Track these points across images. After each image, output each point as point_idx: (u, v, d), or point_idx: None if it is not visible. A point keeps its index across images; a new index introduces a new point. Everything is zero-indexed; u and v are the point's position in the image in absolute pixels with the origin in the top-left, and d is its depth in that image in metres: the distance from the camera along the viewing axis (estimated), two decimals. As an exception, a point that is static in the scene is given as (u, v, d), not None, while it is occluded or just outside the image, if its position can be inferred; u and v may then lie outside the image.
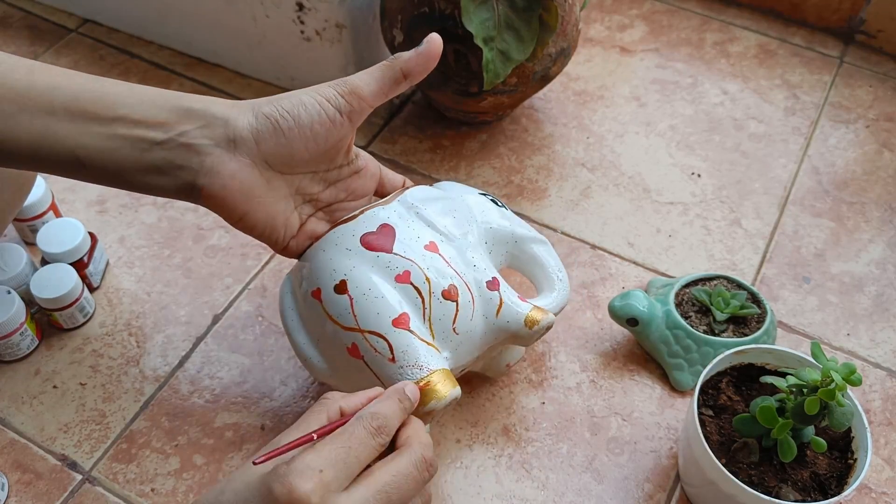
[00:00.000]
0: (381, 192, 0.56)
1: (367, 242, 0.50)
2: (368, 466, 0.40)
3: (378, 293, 0.49)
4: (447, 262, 0.50)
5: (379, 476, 0.39)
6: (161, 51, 0.88)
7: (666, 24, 0.91)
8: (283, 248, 0.52)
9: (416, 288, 0.49)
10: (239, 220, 0.48)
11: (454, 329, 0.50)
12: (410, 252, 0.50)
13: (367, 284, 0.49)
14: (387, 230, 0.51)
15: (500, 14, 0.64)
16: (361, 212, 0.52)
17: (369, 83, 0.48)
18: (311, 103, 0.47)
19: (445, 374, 0.48)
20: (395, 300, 0.49)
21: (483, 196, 0.57)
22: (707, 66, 0.87)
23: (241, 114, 0.47)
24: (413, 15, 0.69)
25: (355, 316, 0.49)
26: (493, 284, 0.51)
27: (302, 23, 0.76)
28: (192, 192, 0.47)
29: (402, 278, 0.49)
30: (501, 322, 0.51)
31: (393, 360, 0.48)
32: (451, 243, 0.51)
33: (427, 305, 0.49)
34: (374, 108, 0.50)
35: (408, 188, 0.54)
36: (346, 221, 0.52)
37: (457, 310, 0.49)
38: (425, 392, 0.46)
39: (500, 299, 0.51)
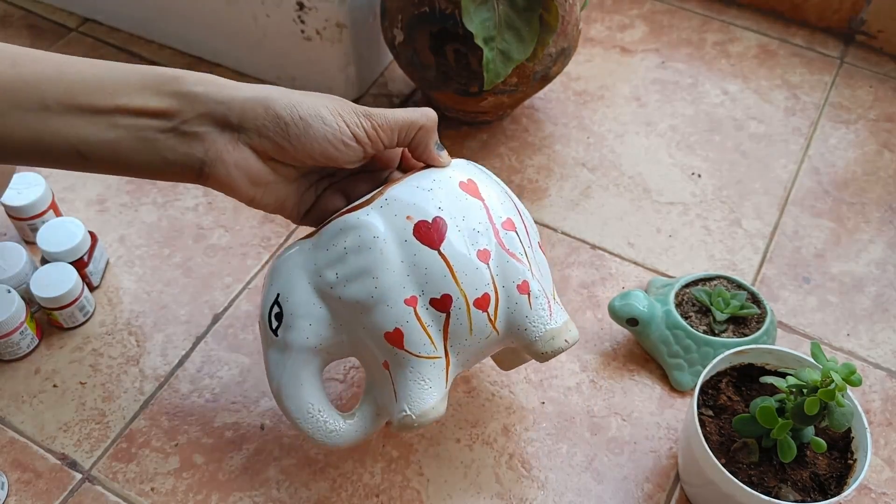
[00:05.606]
0: (406, 163, 0.53)
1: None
2: None
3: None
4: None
5: None
6: (161, 50, 0.88)
7: (666, 24, 0.91)
8: (299, 221, 0.51)
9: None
10: (249, 202, 0.48)
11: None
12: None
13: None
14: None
15: (500, 14, 0.64)
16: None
17: (392, 126, 0.47)
18: (330, 120, 0.45)
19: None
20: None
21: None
22: (707, 66, 0.87)
23: (249, 103, 0.45)
24: (413, 14, 0.69)
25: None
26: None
27: (302, 22, 0.76)
28: (198, 177, 0.46)
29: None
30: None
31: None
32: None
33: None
34: (387, 149, 0.48)
35: (395, 181, 0.49)
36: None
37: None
38: None
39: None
